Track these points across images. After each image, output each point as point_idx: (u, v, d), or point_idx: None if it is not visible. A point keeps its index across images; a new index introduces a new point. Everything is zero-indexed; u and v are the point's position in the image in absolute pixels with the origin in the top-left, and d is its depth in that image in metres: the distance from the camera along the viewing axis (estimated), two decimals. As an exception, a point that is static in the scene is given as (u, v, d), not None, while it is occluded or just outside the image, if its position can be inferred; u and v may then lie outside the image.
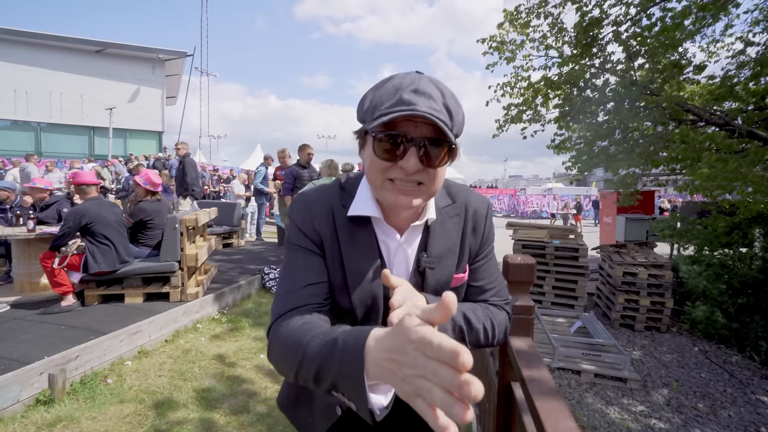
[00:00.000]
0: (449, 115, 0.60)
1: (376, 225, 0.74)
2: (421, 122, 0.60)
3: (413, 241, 0.75)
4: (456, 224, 0.77)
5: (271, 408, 2.42)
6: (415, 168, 0.61)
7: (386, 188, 0.64)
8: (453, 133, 0.61)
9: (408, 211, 0.69)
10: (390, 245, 0.74)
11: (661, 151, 4.61)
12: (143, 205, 3.76)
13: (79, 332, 2.87)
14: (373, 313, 0.74)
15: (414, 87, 0.60)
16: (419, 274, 0.74)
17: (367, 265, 0.72)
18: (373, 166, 0.64)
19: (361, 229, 0.73)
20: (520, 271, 1.20)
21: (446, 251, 0.75)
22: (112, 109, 15.80)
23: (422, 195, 0.64)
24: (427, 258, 0.73)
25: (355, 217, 0.72)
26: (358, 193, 0.73)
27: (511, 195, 26.62)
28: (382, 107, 0.60)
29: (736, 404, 3.06)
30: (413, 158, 0.60)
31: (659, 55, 4.19)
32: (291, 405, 0.87)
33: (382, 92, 0.62)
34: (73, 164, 10.73)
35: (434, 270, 0.74)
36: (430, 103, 0.59)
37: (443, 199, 0.78)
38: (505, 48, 5.42)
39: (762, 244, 4.71)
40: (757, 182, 3.46)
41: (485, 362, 1.80)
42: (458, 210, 0.78)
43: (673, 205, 15.48)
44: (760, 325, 3.99)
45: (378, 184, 0.65)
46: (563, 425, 0.70)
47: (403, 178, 0.62)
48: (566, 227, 6.17)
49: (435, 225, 0.75)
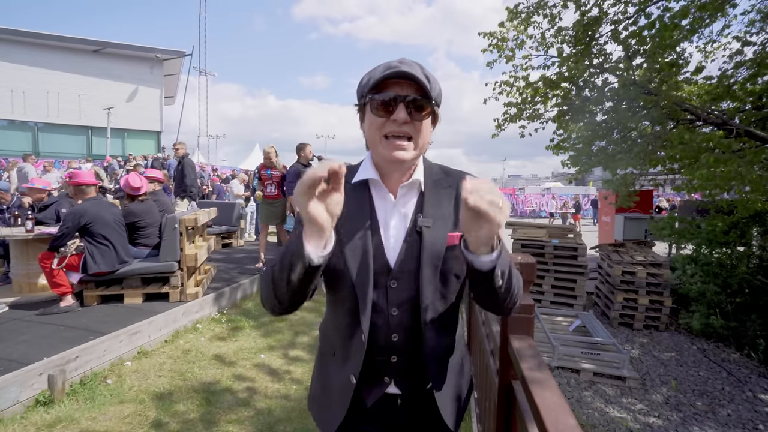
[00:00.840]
0: (428, 80, 0.75)
1: (373, 188, 0.85)
2: (406, 84, 0.75)
3: (408, 203, 0.84)
4: (448, 194, 0.85)
5: (271, 407, 2.43)
6: (404, 119, 0.73)
7: (383, 144, 0.77)
8: (432, 96, 0.75)
9: (401, 166, 0.80)
10: (385, 204, 0.84)
11: (659, 150, 4.62)
12: (131, 207, 3.77)
13: (78, 333, 2.86)
14: (364, 272, 0.79)
15: (399, 60, 0.78)
16: (416, 234, 0.81)
17: (360, 221, 0.81)
18: (371, 127, 0.77)
19: (359, 193, 0.84)
20: (520, 269, 1.21)
21: (440, 214, 0.83)
22: (110, 108, 15.73)
23: (412, 148, 0.77)
24: (423, 218, 0.81)
25: (355, 184, 0.84)
26: (361, 166, 0.86)
27: (510, 194, 26.66)
28: (375, 77, 0.75)
29: (735, 402, 3.08)
30: (402, 111, 0.73)
31: (657, 54, 4.20)
32: (313, 403, 0.96)
33: (374, 70, 0.78)
34: (71, 164, 10.70)
35: (430, 229, 0.81)
36: (413, 69, 0.74)
37: (438, 173, 0.88)
38: (505, 46, 5.42)
39: (759, 243, 4.73)
40: (755, 182, 3.48)
41: (485, 361, 1.81)
42: (451, 182, 0.86)
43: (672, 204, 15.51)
44: (757, 323, 4.02)
45: (376, 140, 0.77)
46: (564, 423, 0.70)
47: (395, 131, 0.75)
48: (565, 226, 6.19)
49: (428, 191, 0.84)
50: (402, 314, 0.81)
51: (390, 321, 0.81)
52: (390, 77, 0.74)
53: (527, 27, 5.28)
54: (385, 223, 0.83)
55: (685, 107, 4.37)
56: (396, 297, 0.81)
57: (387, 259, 0.81)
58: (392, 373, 0.85)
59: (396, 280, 0.80)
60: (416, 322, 0.81)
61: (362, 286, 0.79)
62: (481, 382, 1.96)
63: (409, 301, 0.80)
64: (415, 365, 0.84)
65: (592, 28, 4.70)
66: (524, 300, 1.22)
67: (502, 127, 5.80)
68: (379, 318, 0.81)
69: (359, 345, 0.80)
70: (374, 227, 0.82)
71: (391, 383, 0.85)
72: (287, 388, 2.67)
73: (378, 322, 0.81)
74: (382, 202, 0.84)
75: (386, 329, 0.81)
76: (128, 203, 3.83)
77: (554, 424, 0.70)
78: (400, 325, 0.81)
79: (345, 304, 0.82)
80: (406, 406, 0.88)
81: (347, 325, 0.82)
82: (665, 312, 4.48)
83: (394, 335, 0.81)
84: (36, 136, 16.40)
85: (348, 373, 0.83)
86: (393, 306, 0.81)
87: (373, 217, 0.82)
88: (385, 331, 0.81)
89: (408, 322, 0.81)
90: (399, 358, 0.83)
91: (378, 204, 0.84)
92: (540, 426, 0.74)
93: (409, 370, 0.85)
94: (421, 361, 0.83)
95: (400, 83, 0.75)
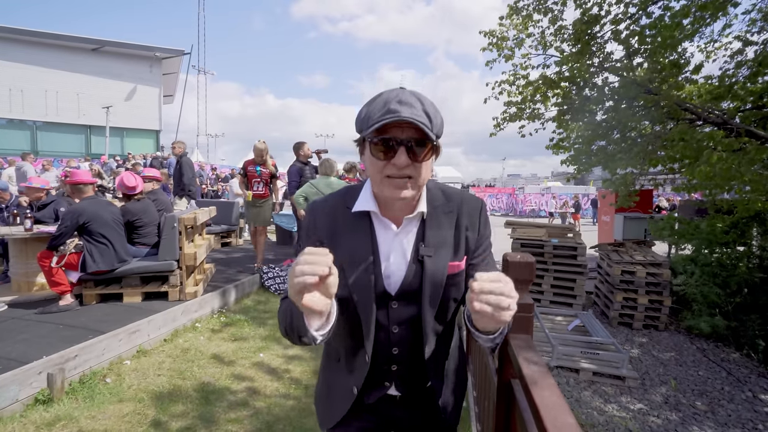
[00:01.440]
0: (429, 118, 0.73)
1: (375, 219, 0.85)
2: (407, 126, 0.73)
3: (410, 232, 0.85)
4: (450, 219, 0.87)
5: (271, 405, 2.42)
6: (404, 163, 0.74)
7: (384, 184, 0.77)
8: (434, 133, 0.74)
9: (402, 202, 0.81)
10: (387, 235, 0.85)
11: (659, 150, 4.62)
12: (127, 206, 3.77)
13: (77, 332, 2.86)
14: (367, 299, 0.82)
15: (398, 99, 0.73)
16: (418, 263, 0.83)
17: (362, 250, 0.83)
18: (372, 167, 0.78)
19: (361, 222, 0.85)
20: (519, 269, 1.20)
21: (442, 242, 0.85)
22: (109, 107, 15.72)
23: (412, 187, 0.78)
24: (425, 248, 0.83)
25: (357, 213, 0.85)
26: (361, 194, 0.86)
27: (510, 194, 26.67)
28: (374, 117, 0.73)
29: (734, 402, 3.08)
30: (402, 156, 0.73)
31: (658, 54, 4.20)
32: (317, 401, 1.01)
33: (373, 106, 0.75)
34: (70, 163, 10.68)
35: (432, 258, 0.83)
36: (412, 111, 0.72)
37: (439, 198, 0.88)
38: (505, 45, 5.41)
39: (759, 243, 4.73)
40: (755, 181, 3.48)
41: (484, 360, 1.81)
42: (452, 207, 0.88)
43: (672, 204, 15.51)
44: (757, 323, 4.02)
45: (378, 180, 0.78)
46: (563, 421, 0.70)
47: (395, 173, 0.75)
48: (565, 226, 6.19)
49: (430, 219, 0.85)
50: (402, 331, 0.86)
51: (391, 337, 0.86)
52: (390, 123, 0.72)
53: (527, 25, 5.27)
54: (387, 253, 0.84)
55: (686, 107, 4.37)
56: (397, 316, 0.85)
57: (389, 285, 0.84)
58: (392, 379, 0.90)
59: (397, 302, 0.84)
60: (416, 338, 0.86)
61: (366, 312, 0.83)
62: (480, 381, 1.96)
63: (409, 319, 0.85)
64: (414, 372, 0.89)
65: (591, 27, 4.69)
66: (524, 299, 1.21)
67: (502, 126, 5.79)
68: (380, 334, 0.86)
69: (362, 363, 0.86)
70: (376, 257, 0.83)
71: (392, 386, 0.91)
72: (286, 387, 2.67)
73: (380, 338, 0.86)
74: (384, 231, 0.85)
75: (387, 344, 0.86)
76: (125, 202, 3.83)
77: (553, 423, 0.70)
78: (400, 341, 0.87)
79: (348, 325, 0.85)
80: (405, 403, 0.92)
81: (351, 345, 0.88)
82: (665, 312, 4.48)
83: (394, 349, 0.87)
84: (35, 135, 16.37)
85: (351, 384, 0.88)
86: (394, 324, 0.85)
87: (375, 246, 0.84)
88: (386, 345, 0.86)
89: (408, 337, 0.86)
90: (399, 367, 0.89)
91: (380, 233, 0.85)
92: (539, 425, 0.74)
93: (408, 376, 0.90)
94: (419, 368, 0.88)
95: (401, 125, 0.73)
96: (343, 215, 0.85)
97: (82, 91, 16.55)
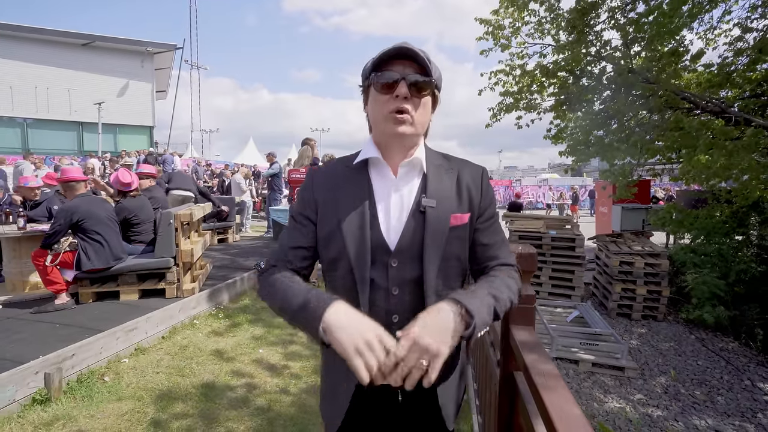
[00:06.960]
0: (428, 61, 0.78)
1: (373, 168, 0.86)
2: (408, 64, 0.78)
3: (409, 182, 0.85)
4: (451, 176, 0.88)
5: (271, 402, 2.41)
6: (406, 93, 0.77)
7: (387, 120, 0.79)
8: (433, 77, 0.79)
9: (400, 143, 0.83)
10: (385, 184, 0.85)
11: (657, 140, 4.59)
12: (124, 203, 3.72)
13: (74, 330, 2.83)
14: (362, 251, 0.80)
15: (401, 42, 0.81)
16: (420, 214, 0.82)
17: (358, 201, 0.83)
18: (375, 104, 0.81)
19: (358, 174, 0.86)
20: (521, 260, 1.18)
21: (444, 194, 0.84)
22: (101, 104, 15.48)
23: (411, 124, 0.79)
24: (426, 198, 0.82)
25: (356, 167, 0.86)
26: (363, 149, 0.88)
27: (507, 186, 26.65)
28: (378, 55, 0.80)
29: (733, 391, 3.10)
30: (404, 87, 0.77)
31: (657, 42, 4.15)
32: (321, 400, 0.97)
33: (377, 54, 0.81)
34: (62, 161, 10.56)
35: (434, 209, 0.82)
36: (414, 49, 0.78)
37: (439, 159, 0.90)
38: (501, 34, 5.34)
39: (758, 233, 4.74)
40: (753, 169, 3.46)
41: (485, 353, 1.79)
42: (453, 167, 0.89)
43: (668, 195, 15.55)
44: (756, 312, 4.04)
45: (381, 117, 0.80)
46: (569, 413, 0.69)
47: (398, 107, 0.77)
48: (562, 217, 6.18)
49: (431, 173, 0.86)
50: (402, 294, 0.81)
51: (390, 300, 0.81)
52: (393, 55, 0.78)
53: (523, 13, 5.19)
54: (385, 202, 0.84)
55: (684, 95, 4.34)
56: (397, 276, 0.81)
57: (387, 237, 0.81)
58: None
59: (397, 259, 0.80)
60: (417, 304, 0.80)
61: (360, 264, 0.79)
62: (481, 373, 1.95)
63: (411, 282, 0.81)
64: None
65: (588, 14, 4.63)
66: (526, 290, 1.19)
67: (498, 117, 5.74)
68: (378, 297, 0.81)
69: None
70: (372, 206, 0.83)
71: None
72: (286, 382, 2.66)
73: (377, 302, 0.81)
74: (382, 181, 0.85)
75: (386, 309, 0.81)
76: (120, 199, 3.78)
77: (559, 415, 0.69)
78: (400, 305, 0.81)
79: (344, 284, 0.82)
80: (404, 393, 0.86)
81: None
82: (663, 302, 4.49)
83: (394, 315, 0.81)
84: (25, 132, 16.10)
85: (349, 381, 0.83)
86: (393, 285, 0.81)
87: (371, 196, 0.83)
88: (384, 310, 0.81)
89: (408, 303, 0.81)
90: None
91: (377, 183, 0.85)
92: (545, 417, 0.73)
93: None
94: None
95: (403, 63, 0.78)
96: (342, 172, 0.87)
97: (73, 87, 16.27)
